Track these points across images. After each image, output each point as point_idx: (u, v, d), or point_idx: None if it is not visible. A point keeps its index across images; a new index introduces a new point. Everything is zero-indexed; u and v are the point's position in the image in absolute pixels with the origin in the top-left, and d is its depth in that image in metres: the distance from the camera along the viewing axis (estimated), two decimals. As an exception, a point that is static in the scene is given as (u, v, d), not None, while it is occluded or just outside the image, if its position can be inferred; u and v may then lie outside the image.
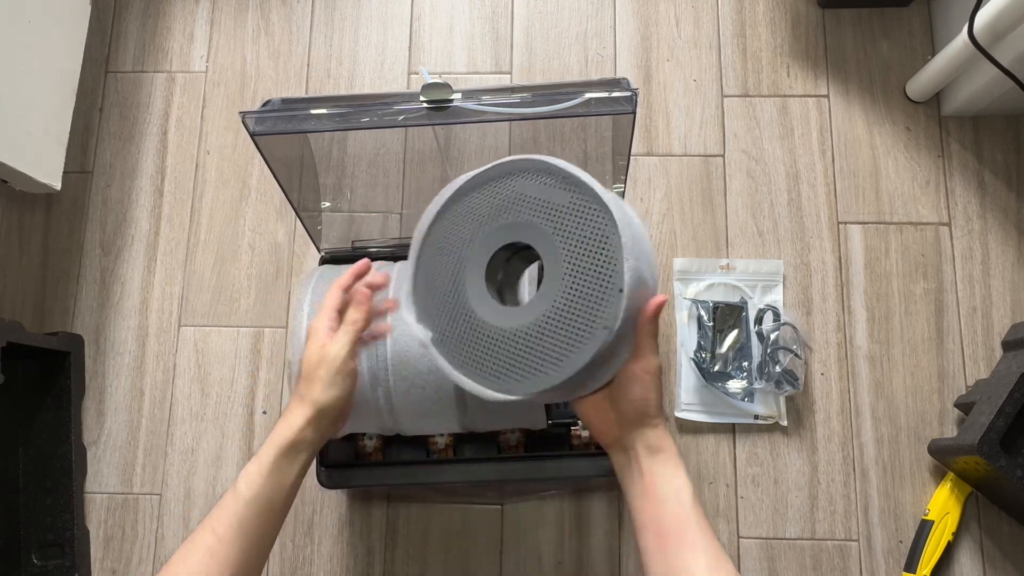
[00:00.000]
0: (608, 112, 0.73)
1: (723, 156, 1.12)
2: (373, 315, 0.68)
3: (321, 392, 0.63)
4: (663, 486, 0.60)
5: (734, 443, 1.02)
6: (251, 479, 0.59)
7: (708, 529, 0.58)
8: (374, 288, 0.68)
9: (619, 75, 1.15)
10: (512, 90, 0.74)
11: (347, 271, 0.70)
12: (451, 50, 1.18)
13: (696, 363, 1.01)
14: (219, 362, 1.07)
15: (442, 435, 0.90)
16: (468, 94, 0.71)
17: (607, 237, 0.59)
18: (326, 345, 0.64)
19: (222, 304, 1.10)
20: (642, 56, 1.16)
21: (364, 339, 0.67)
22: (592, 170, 1.08)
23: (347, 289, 0.68)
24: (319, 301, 0.83)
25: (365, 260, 0.71)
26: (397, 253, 0.97)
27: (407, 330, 0.80)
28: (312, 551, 1.01)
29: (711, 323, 1.03)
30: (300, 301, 0.83)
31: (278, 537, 1.01)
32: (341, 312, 0.66)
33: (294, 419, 0.62)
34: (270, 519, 0.60)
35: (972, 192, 1.09)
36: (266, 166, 0.81)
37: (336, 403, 0.64)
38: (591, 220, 0.60)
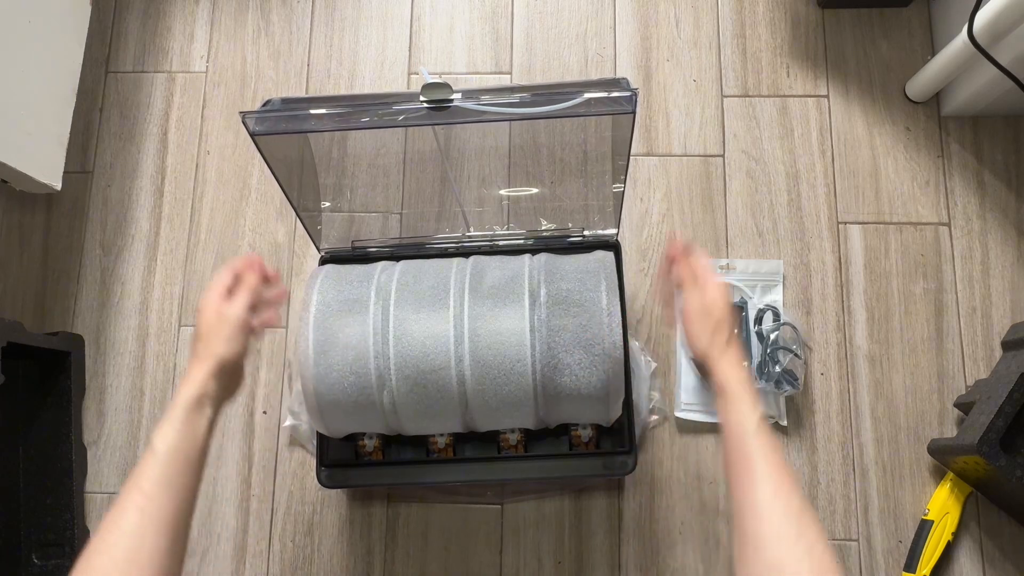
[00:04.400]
0: (608, 112, 0.73)
1: (723, 156, 1.12)
2: (263, 286, 0.74)
3: (222, 347, 0.68)
4: (727, 424, 0.65)
5: (734, 443, 1.02)
6: (165, 436, 0.62)
7: (770, 458, 0.61)
8: (267, 279, 0.75)
9: (619, 75, 1.15)
10: (512, 90, 0.74)
11: (240, 260, 0.75)
12: (451, 50, 1.18)
13: (696, 363, 1.01)
14: (219, 362, 1.07)
15: (442, 435, 0.90)
16: (468, 94, 0.71)
17: None
18: (223, 307, 0.70)
19: (222, 304, 1.10)
20: (642, 56, 1.16)
21: (255, 327, 0.73)
22: (592, 170, 1.09)
23: (237, 273, 0.74)
24: (325, 300, 0.83)
25: (254, 255, 0.77)
26: (397, 253, 0.97)
27: (409, 330, 0.80)
28: (312, 551, 1.01)
29: (711, 323, 1.03)
30: (307, 301, 0.84)
31: (278, 536, 1.02)
32: (230, 291, 0.72)
33: (196, 375, 0.66)
34: (189, 471, 0.63)
35: (972, 192, 1.09)
36: (266, 166, 0.81)
37: (236, 357, 0.69)
38: None
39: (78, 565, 0.55)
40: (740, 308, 1.04)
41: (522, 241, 0.98)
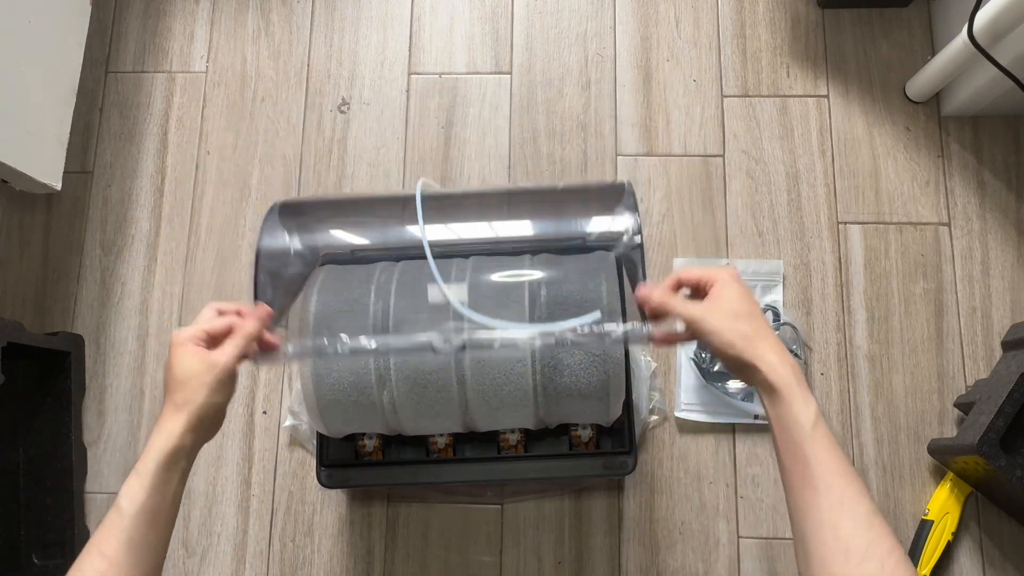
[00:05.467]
0: (618, 341, 0.71)
1: (723, 156, 1.12)
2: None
3: (207, 398, 0.61)
4: (778, 423, 0.57)
5: (734, 443, 1.02)
6: (133, 494, 0.57)
7: (832, 461, 0.54)
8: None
9: (619, 77, 1.15)
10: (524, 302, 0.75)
11: (238, 309, 0.68)
12: (451, 50, 1.18)
13: (696, 363, 1.01)
14: (219, 362, 1.07)
15: (442, 435, 0.90)
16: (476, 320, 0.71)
17: None
18: (211, 353, 0.62)
19: (222, 304, 1.10)
20: (642, 56, 1.16)
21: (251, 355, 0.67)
22: (592, 170, 1.07)
23: (223, 312, 0.67)
24: (325, 300, 0.83)
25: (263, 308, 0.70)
26: (397, 254, 0.97)
27: (409, 330, 0.80)
28: (312, 551, 1.01)
29: (711, 323, 1.03)
30: (307, 301, 0.84)
31: (278, 536, 1.02)
32: (213, 335, 0.65)
33: (172, 427, 0.60)
34: (158, 531, 0.58)
35: (972, 192, 1.09)
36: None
37: (220, 409, 0.63)
38: None
39: None
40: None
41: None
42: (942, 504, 0.97)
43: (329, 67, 1.18)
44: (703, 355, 1.02)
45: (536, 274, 0.78)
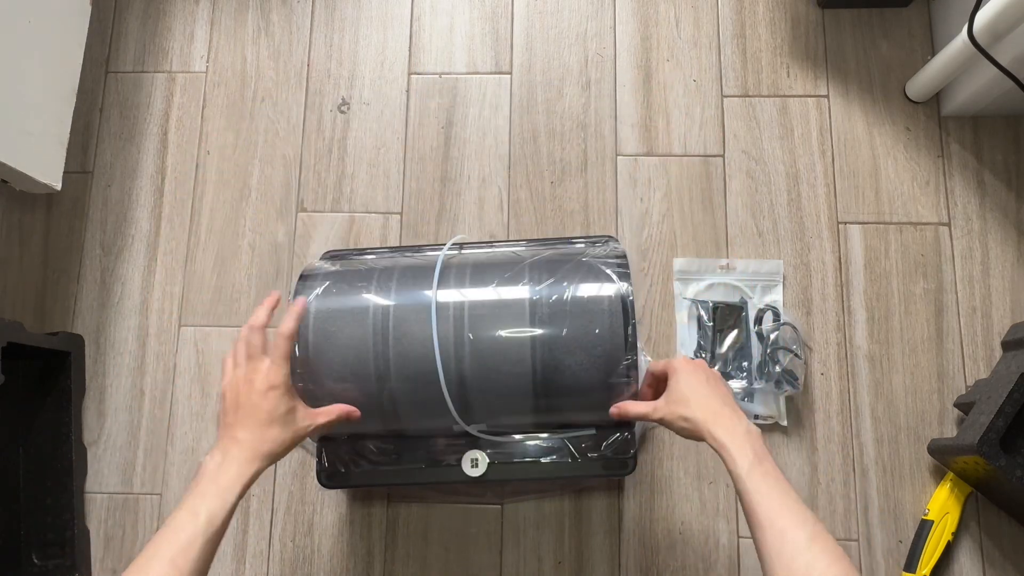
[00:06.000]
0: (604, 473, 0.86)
1: (723, 156, 1.12)
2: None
3: (284, 451, 0.71)
4: (731, 478, 0.67)
5: (734, 443, 1.02)
6: (215, 517, 0.62)
7: (768, 500, 0.63)
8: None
9: (619, 77, 1.15)
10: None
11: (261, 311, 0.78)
12: (451, 50, 1.18)
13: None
14: (219, 362, 1.07)
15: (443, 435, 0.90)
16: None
17: None
18: (315, 417, 0.74)
19: (222, 304, 1.10)
20: (642, 56, 1.16)
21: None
22: (592, 171, 1.06)
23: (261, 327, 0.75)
24: (325, 301, 0.83)
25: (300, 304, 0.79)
26: (397, 255, 0.97)
27: (409, 330, 0.80)
28: (312, 551, 1.01)
29: (711, 323, 1.03)
30: (308, 302, 0.83)
31: (278, 536, 1.02)
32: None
33: (260, 468, 0.68)
34: (215, 550, 0.64)
35: (972, 192, 1.09)
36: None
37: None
38: None
39: None
40: (740, 308, 1.04)
41: (524, 246, 0.98)
42: (942, 504, 0.97)
43: (329, 67, 1.18)
44: (703, 355, 1.02)
45: (537, 331, 0.80)
